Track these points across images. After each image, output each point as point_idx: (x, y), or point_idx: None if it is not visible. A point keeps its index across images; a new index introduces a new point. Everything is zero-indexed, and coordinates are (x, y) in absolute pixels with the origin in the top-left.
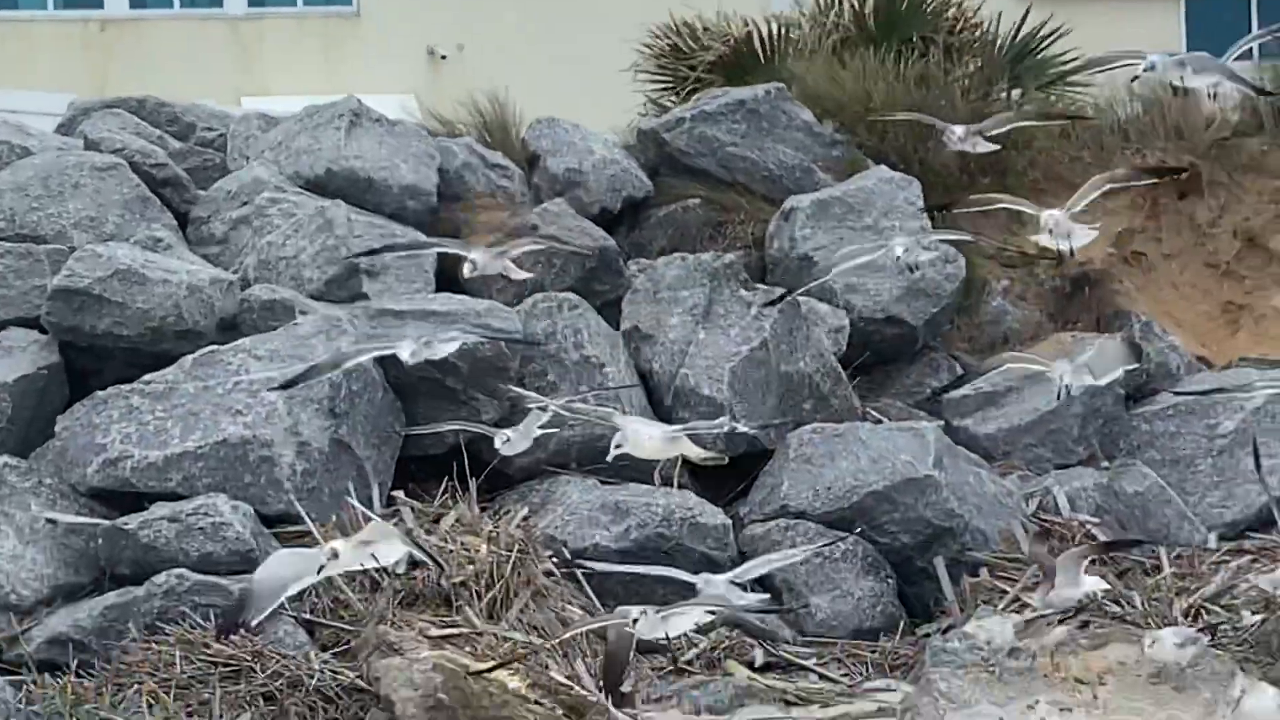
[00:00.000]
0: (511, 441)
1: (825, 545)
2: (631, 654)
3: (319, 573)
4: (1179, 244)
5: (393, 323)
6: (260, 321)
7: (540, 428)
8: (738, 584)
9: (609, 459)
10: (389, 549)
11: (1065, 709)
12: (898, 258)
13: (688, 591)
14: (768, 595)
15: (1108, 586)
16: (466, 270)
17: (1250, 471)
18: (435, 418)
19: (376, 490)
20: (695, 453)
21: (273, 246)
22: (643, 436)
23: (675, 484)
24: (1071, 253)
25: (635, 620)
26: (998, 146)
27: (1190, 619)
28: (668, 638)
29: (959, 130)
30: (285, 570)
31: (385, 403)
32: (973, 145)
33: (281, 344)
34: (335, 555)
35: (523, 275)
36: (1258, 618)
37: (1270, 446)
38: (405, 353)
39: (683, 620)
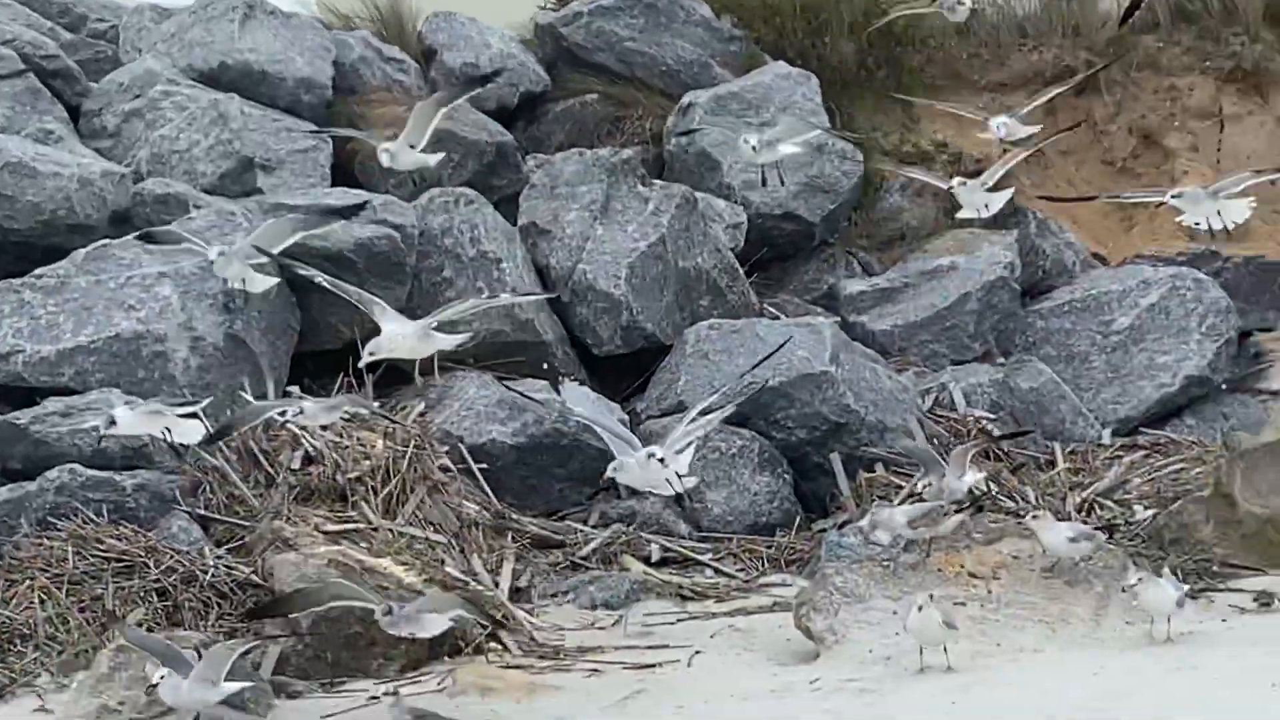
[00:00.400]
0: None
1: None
2: None
3: None
4: (1075, 141)
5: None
6: (153, 215)
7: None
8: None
9: (362, 364)
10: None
11: (959, 603)
12: (753, 148)
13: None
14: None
15: (983, 478)
16: (384, 160)
17: (1144, 368)
18: (331, 313)
19: (272, 385)
20: (450, 341)
21: (166, 140)
22: (396, 336)
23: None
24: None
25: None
26: None
27: (1083, 513)
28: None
29: None
30: None
31: (281, 298)
32: None
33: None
34: None
35: (436, 159)
36: (1150, 512)
37: (1163, 342)
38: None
39: (432, 622)
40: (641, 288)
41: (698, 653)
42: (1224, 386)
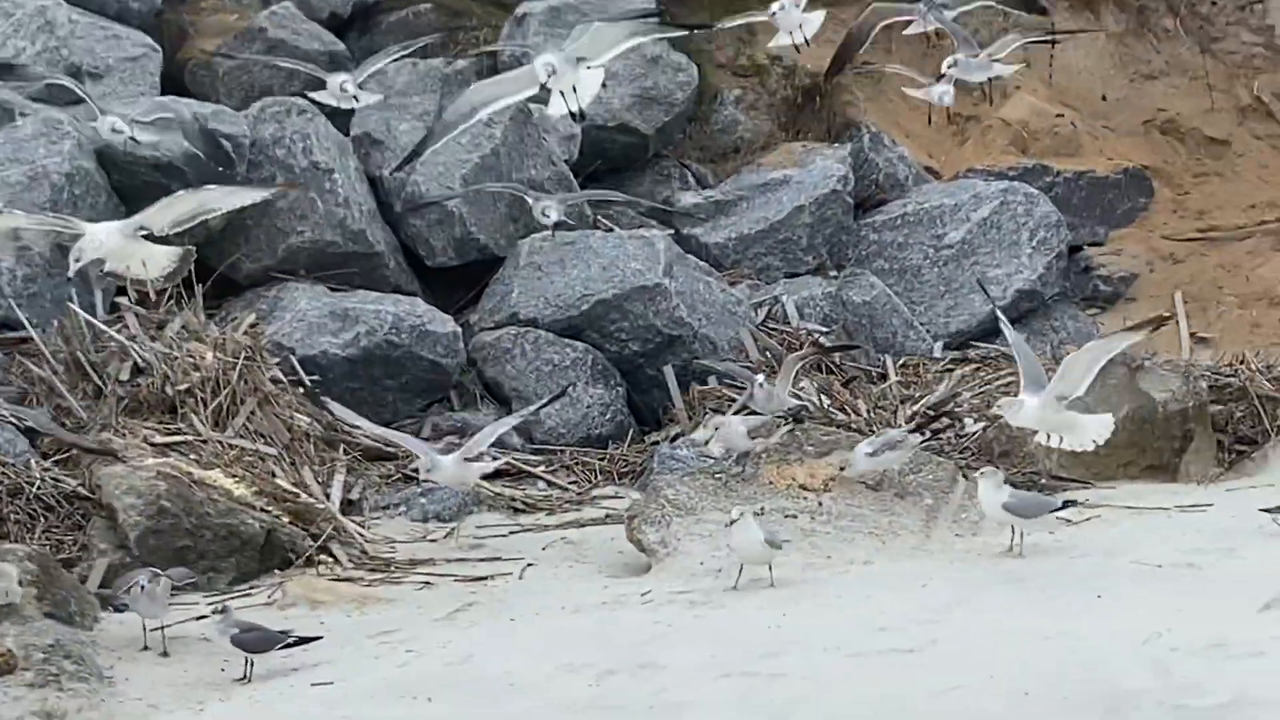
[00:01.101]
0: None
1: None
2: None
3: None
4: (908, 55)
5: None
6: None
7: None
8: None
9: (69, 275)
10: None
11: (790, 515)
12: (542, 83)
13: None
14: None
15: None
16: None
17: (975, 282)
18: None
19: (99, 296)
20: (159, 254)
21: None
22: (100, 236)
23: None
24: (807, 42)
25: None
26: None
27: (915, 427)
28: None
29: None
30: None
31: (109, 207)
32: None
33: (0, 147)
34: None
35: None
36: (980, 425)
37: (995, 256)
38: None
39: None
40: (475, 199)
41: (529, 565)
42: (1052, 300)
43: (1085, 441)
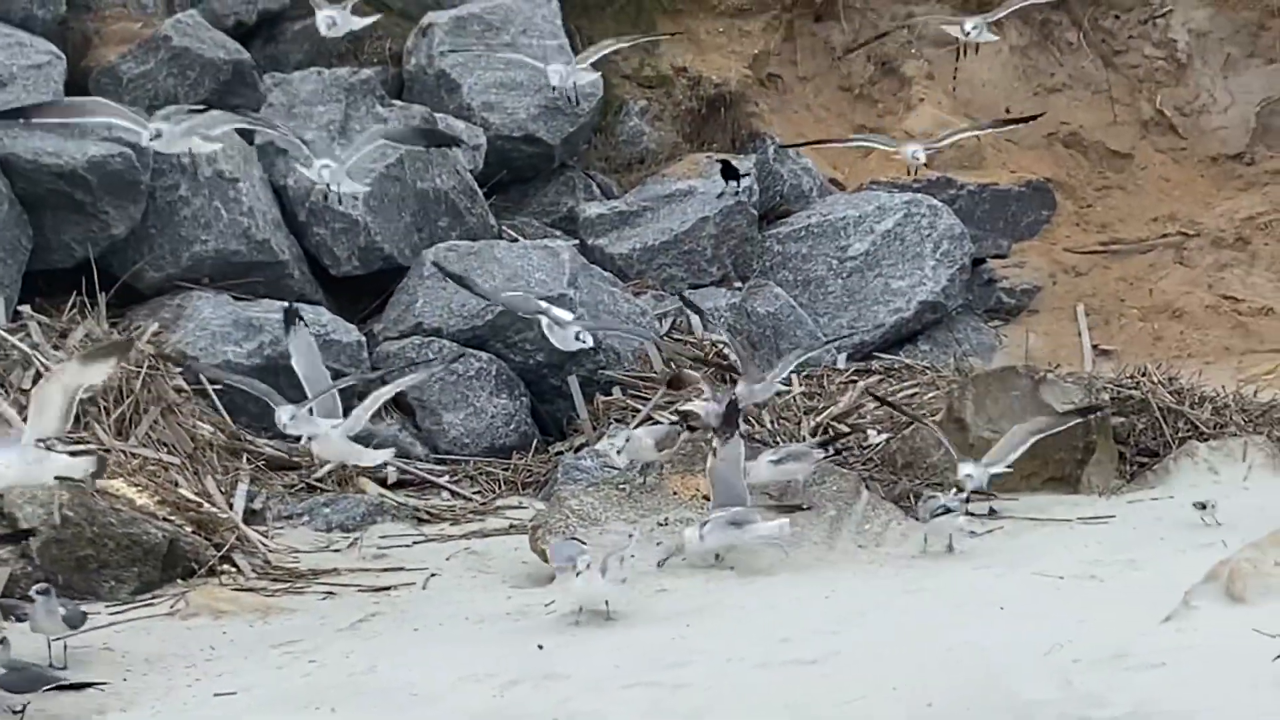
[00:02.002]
0: None
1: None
2: None
3: None
4: (814, 67)
5: (20, 132)
6: None
7: None
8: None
9: None
10: None
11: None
12: (554, 86)
13: None
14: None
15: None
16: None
17: (879, 293)
18: (64, 231)
19: (2, 303)
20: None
21: None
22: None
23: None
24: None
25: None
26: None
27: (817, 437)
28: None
29: None
30: None
31: (12, 215)
32: None
33: None
34: None
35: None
36: (884, 437)
37: (899, 268)
38: None
39: None
40: (379, 209)
41: (433, 575)
42: (956, 312)
43: None
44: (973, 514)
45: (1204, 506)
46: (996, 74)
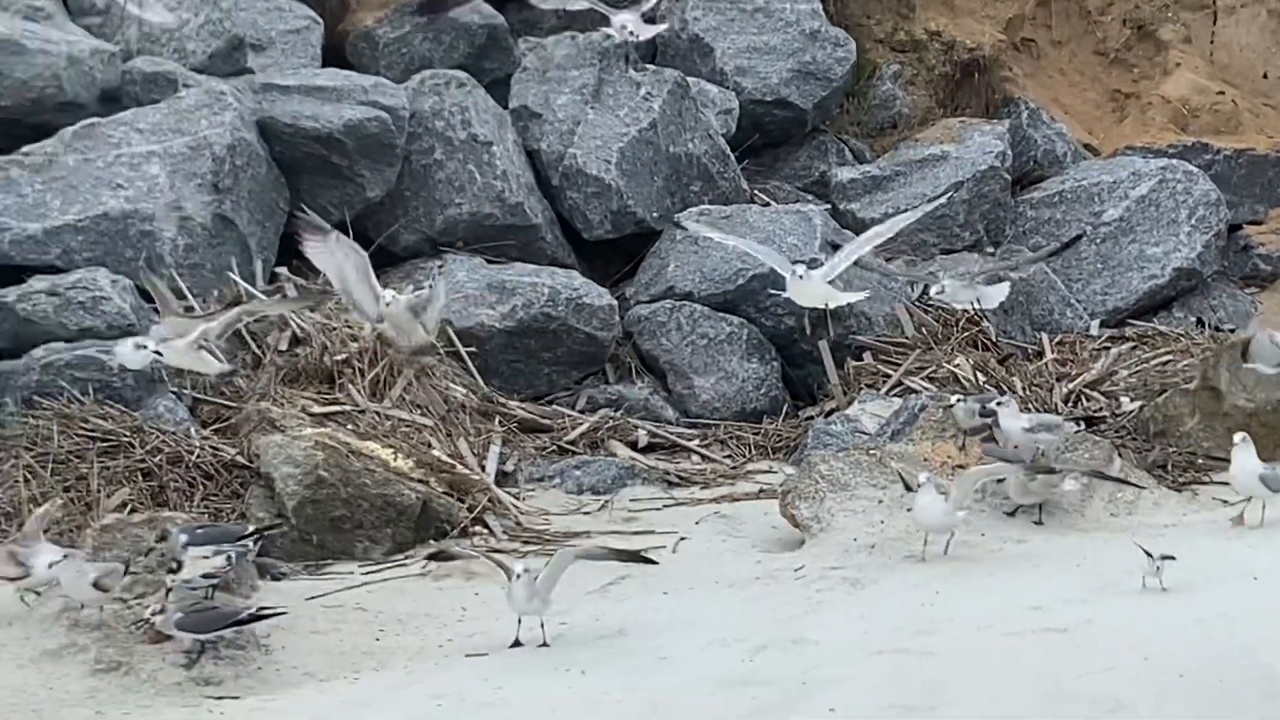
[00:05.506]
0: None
1: None
2: None
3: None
4: (1069, 31)
5: (278, 96)
6: (142, 94)
7: None
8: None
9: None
10: None
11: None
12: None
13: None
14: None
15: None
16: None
17: (1133, 259)
18: (320, 194)
19: (260, 265)
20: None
21: None
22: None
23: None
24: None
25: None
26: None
27: (1070, 404)
28: None
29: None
30: None
31: (270, 179)
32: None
33: (164, 117)
34: None
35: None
36: (1136, 404)
37: (1153, 234)
38: None
39: None
40: (632, 173)
41: (683, 539)
42: (1210, 279)
43: None
44: None
45: None
46: (1254, 38)
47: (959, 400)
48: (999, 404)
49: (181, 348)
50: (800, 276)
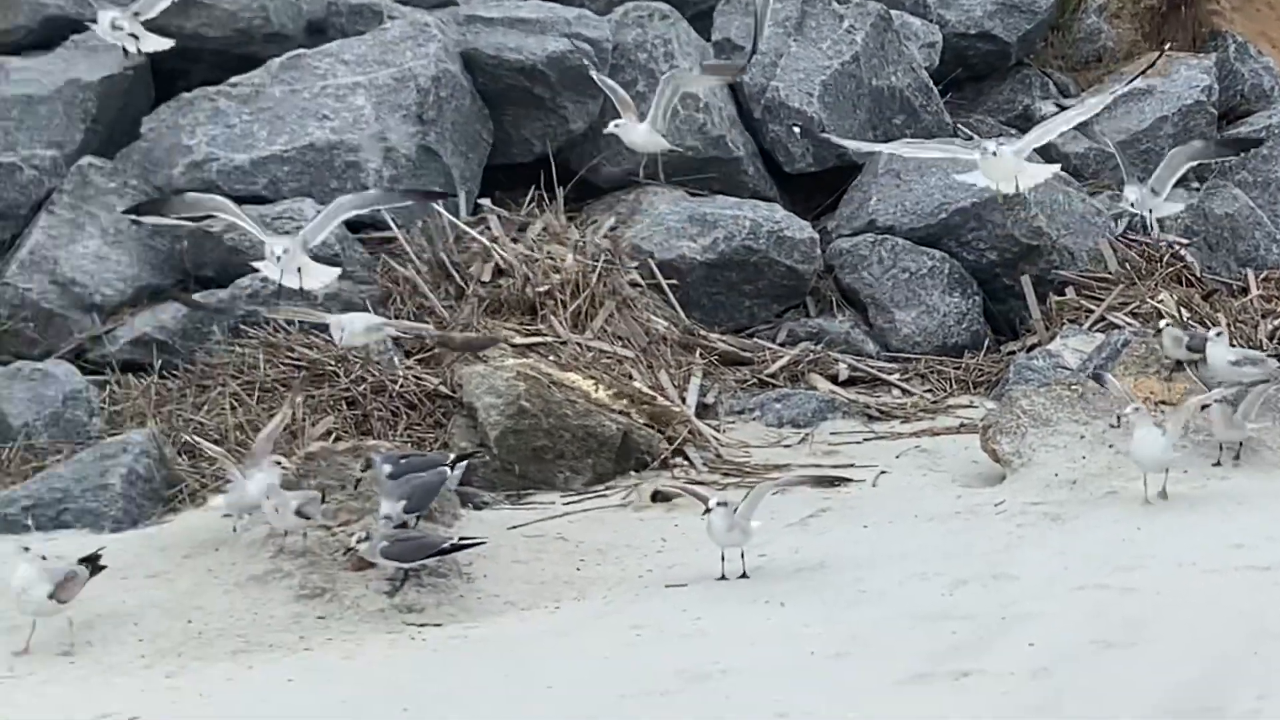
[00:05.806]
0: None
1: None
2: None
3: None
4: None
5: (481, 28)
6: (348, 26)
7: None
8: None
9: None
10: None
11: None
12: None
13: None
14: None
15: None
16: None
17: None
18: (523, 126)
19: (463, 197)
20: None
21: None
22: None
23: None
24: None
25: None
26: None
27: (1276, 342)
28: None
29: None
30: None
31: (473, 110)
32: None
33: (369, 49)
34: None
35: None
36: None
37: None
38: None
39: None
40: (834, 106)
41: (883, 473)
42: None
43: None
44: None
45: None
46: None
47: (1168, 324)
48: (1217, 334)
49: (361, 330)
50: (994, 154)
